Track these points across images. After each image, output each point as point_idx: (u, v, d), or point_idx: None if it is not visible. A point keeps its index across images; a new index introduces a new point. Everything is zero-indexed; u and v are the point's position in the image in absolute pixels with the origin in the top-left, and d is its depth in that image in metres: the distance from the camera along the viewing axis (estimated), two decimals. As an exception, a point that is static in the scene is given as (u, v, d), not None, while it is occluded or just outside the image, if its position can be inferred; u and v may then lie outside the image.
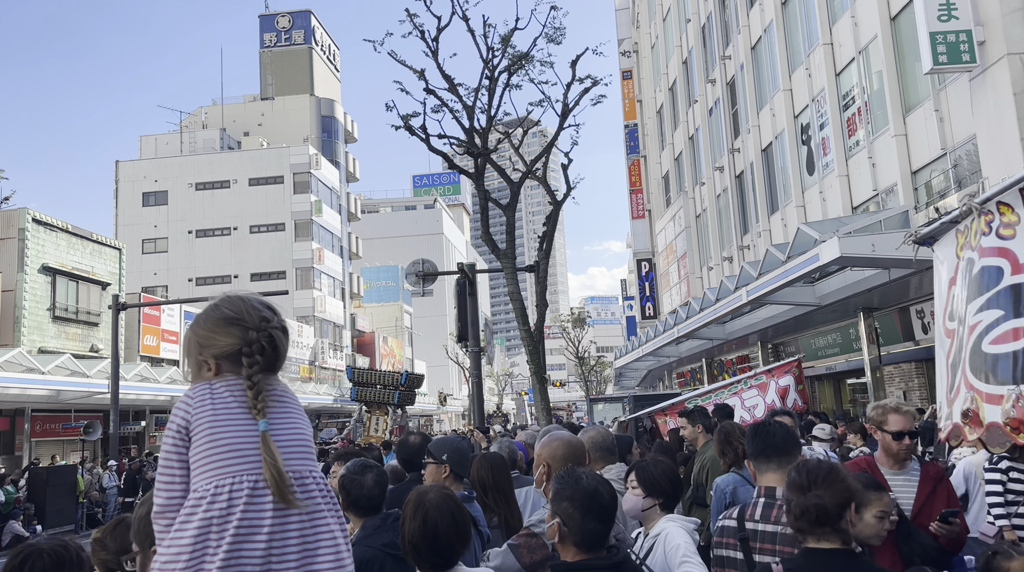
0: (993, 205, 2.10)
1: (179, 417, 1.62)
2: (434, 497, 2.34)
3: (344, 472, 3.12)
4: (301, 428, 1.68)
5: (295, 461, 1.61)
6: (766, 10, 21.70)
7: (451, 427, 58.71)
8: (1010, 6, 11.64)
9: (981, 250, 2.16)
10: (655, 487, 2.84)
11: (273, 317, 1.72)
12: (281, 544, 1.52)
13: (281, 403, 1.68)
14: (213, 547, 1.49)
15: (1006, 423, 1.98)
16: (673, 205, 32.12)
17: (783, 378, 8.48)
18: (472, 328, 13.29)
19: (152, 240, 46.72)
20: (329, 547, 1.59)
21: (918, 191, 14.98)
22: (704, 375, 26.96)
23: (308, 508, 1.58)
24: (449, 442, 3.56)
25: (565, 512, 2.22)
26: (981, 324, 2.13)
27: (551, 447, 3.14)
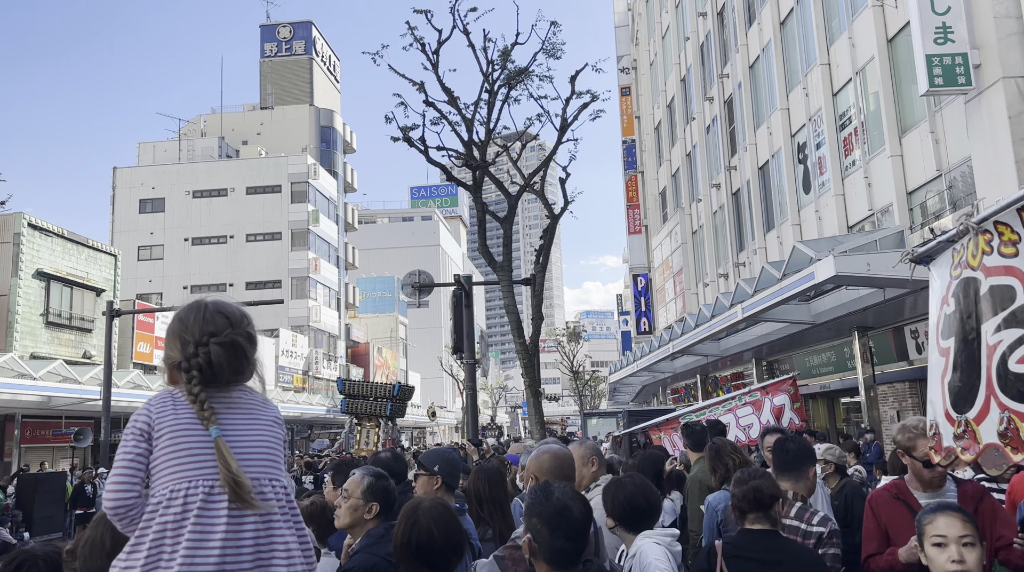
0: (991, 224, 2.11)
1: (141, 421, 1.65)
2: (427, 506, 2.33)
3: (377, 477, 3.06)
4: (263, 436, 1.69)
5: (253, 468, 1.63)
6: (764, 30, 21.87)
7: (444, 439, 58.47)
8: (1006, 30, 11.76)
9: (986, 269, 2.16)
10: (612, 509, 2.76)
11: (225, 329, 1.71)
12: (235, 549, 1.54)
13: (243, 412, 1.70)
14: (168, 552, 1.51)
15: None
16: (670, 221, 32.22)
17: (778, 397, 8.47)
18: (467, 340, 13.28)
19: (148, 247, 46.64)
20: (282, 554, 1.60)
21: (913, 211, 15.05)
22: (699, 391, 26.96)
23: (264, 514, 1.60)
24: (441, 453, 3.55)
25: (535, 528, 2.17)
26: (1003, 344, 2.12)
27: (540, 460, 3.12)
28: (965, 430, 2.29)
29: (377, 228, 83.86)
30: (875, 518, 2.91)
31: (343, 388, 15.05)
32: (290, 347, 41.60)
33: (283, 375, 40.22)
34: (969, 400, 2.27)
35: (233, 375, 1.72)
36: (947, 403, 2.39)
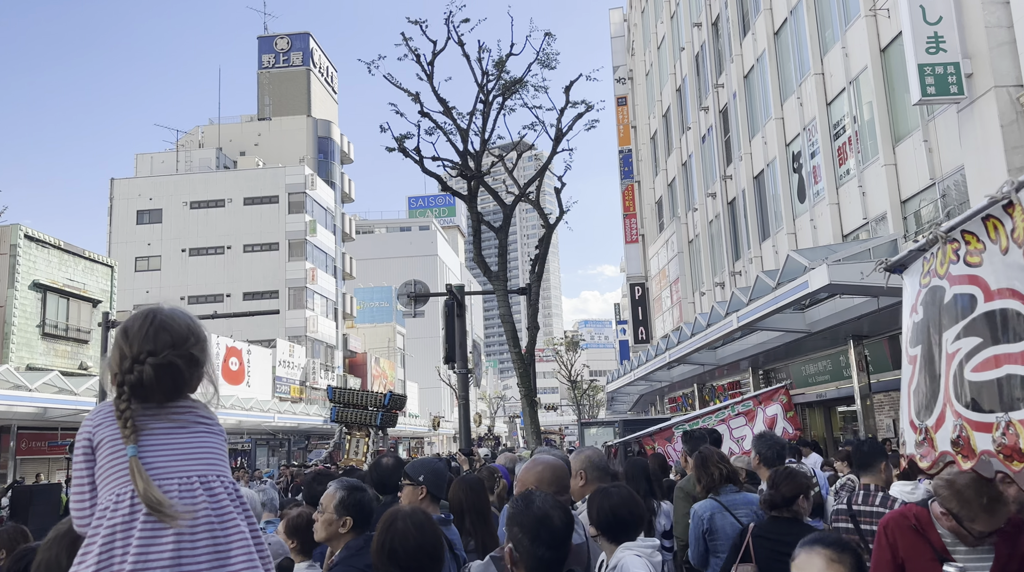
0: (958, 233, 2.12)
1: (84, 435, 1.67)
2: (406, 512, 2.32)
3: (351, 489, 3.08)
4: (204, 439, 1.71)
5: (199, 466, 1.65)
6: (759, 40, 21.98)
7: (443, 449, 58.32)
8: (997, 40, 11.83)
9: (951, 278, 2.17)
10: (596, 518, 2.73)
11: (164, 350, 1.70)
12: (191, 545, 1.55)
13: (179, 421, 1.70)
14: (120, 552, 1.52)
15: (998, 451, 1.97)
16: (666, 230, 32.27)
17: (771, 407, 8.47)
18: (459, 350, 13.27)
19: (145, 258, 46.64)
20: (241, 548, 1.61)
21: (907, 220, 15.09)
22: (696, 400, 26.92)
23: (217, 508, 1.62)
24: (426, 463, 3.54)
25: (515, 537, 2.15)
26: (961, 352, 2.12)
27: (535, 471, 3.12)
28: (925, 438, 2.30)
29: (375, 238, 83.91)
30: (891, 549, 2.56)
31: (333, 396, 14.91)
32: (287, 357, 41.53)
33: (280, 385, 40.14)
34: (930, 408, 2.28)
35: (166, 396, 1.71)
36: (911, 411, 2.40)
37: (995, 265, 2.01)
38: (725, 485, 4.04)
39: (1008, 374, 1.95)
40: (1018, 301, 1.93)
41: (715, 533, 3.87)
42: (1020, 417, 1.90)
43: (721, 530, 3.88)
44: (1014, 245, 1.91)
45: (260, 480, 17.46)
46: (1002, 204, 1.92)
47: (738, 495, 4.04)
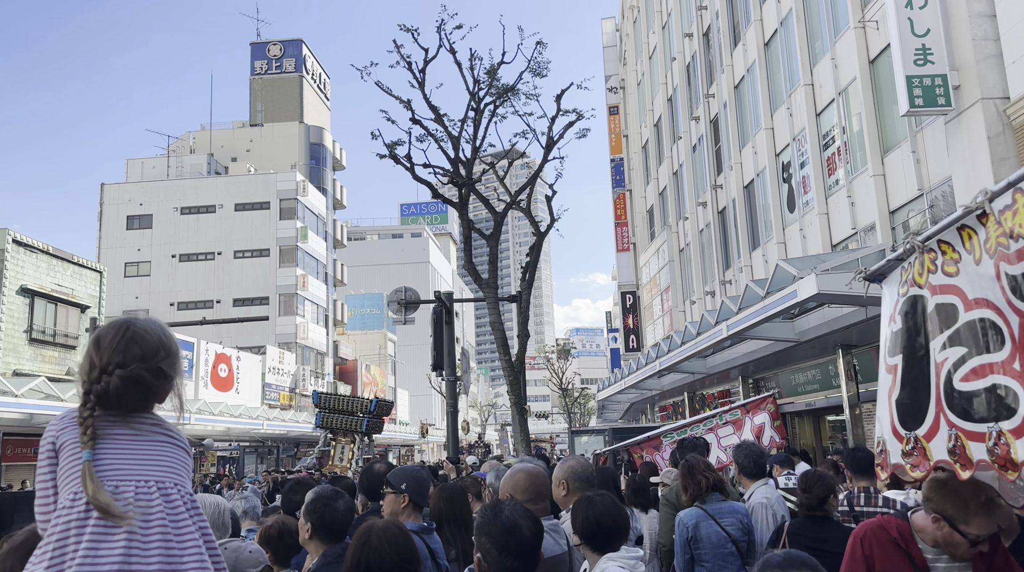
0: (935, 243, 2.13)
1: (48, 439, 1.71)
2: (381, 527, 2.30)
3: (315, 496, 3.10)
4: (164, 449, 1.73)
5: (156, 472, 1.67)
6: (749, 51, 22.12)
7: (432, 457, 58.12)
8: (984, 52, 11.94)
9: (932, 287, 2.18)
10: (580, 527, 2.70)
11: (133, 363, 1.71)
12: (143, 546, 1.57)
13: (141, 430, 1.73)
14: (72, 551, 1.54)
15: (993, 461, 1.96)
16: (657, 239, 32.36)
17: (758, 416, 8.50)
18: (448, 357, 13.24)
19: (135, 263, 46.41)
20: (194, 555, 1.63)
21: (895, 230, 15.18)
22: (686, 409, 26.93)
23: (172, 513, 1.64)
24: (408, 471, 3.53)
25: (484, 547, 2.12)
26: (948, 361, 2.12)
27: (514, 479, 3.11)
28: (915, 447, 2.28)
29: (366, 245, 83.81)
30: (865, 562, 2.44)
31: (318, 401, 14.82)
32: (277, 364, 41.36)
33: (270, 392, 39.95)
34: (919, 417, 2.26)
35: (131, 407, 1.73)
36: (895, 420, 2.38)
37: (970, 275, 2.02)
38: (711, 494, 4.03)
39: (993, 384, 1.96)
40: (992, 311, 1.94)
41: (700, 542, 3.85)
42: (1009, 427, 1.90)
43: (706, 539, 3.86)
44: (986, 255, 1.93)
45: (242, 488, 17.35)
46: (976, 214, 1.93)
47: (724, 504, 4.03)
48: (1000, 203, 1.84)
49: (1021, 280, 1.81)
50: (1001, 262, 1.88)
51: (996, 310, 1.92)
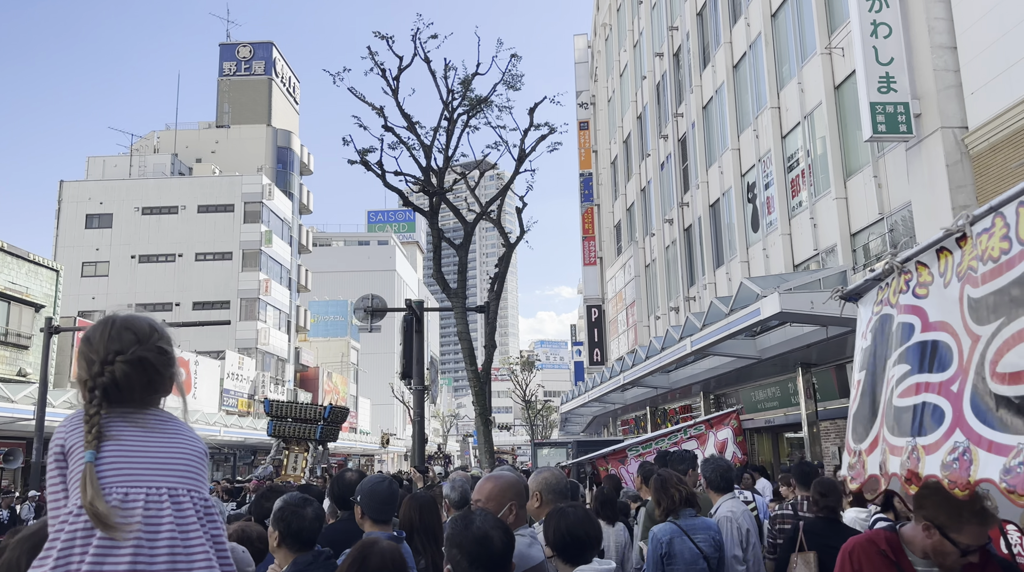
0: (912, 264, 2.21)
1: (57, 442, 1.65)
2: (383, 548, 2.25)
3: (283, 503, 3.07)
4: (181, 449, 1.68)
5: (170, 478, 1.62)
6: (718, 72, 22.53)
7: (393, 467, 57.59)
8: (944, 82, 12.34)
9: (899, 307, 2.25)
10: (553, 539, 2.68)
11: (131, 346, 1.69)
12: (149, 559, 1.52)
13: (154, 428, 1.69)
14: (77, 561, 1.50)
15: (902, 474, 2.02)
16: (624, 254, 32.65)
17: (721, 431, 8.59)
18: (416, 366, 13.18)
19: (93, 263, 45.35)
20: (203, 565, 1.58)
21: (856, 253, 15.54)
22: (648, 423, 27.13)
23: (181, 525, 1.59)
24: (366, 482, 3.51)
25: (454, 559, 2.08)
26: (893, 378, 2.19)
27: (486, 488, 3.10)
28: (858, 460, 2.36)
29: (332, 251, 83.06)
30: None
31: (270, 409, 14.53)
32: (236, 370, 40.67)
33: (228, 398, 39.25)
34: (867, 431, 2.35)
35: (145, 392, 1.69)
36: (849, 433, 2.46)
37: (937, 298, 2.10)
38: (684, 508, 4.04)
39: (924, 401, 2.03)
40: (948, 334, 2.02)
41: (673, 557, 3.84)
42: (924, 443, 1.98)
43: (680, 555, 3.84)
44: (955, 278, 2.00)
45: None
46: (955, 237, 2.01)
47: (697, 520, 4.02)
48: (980, 227, 1.91)
49: (982, 303, 1.87)
50: (966, 286, 1.95)
51: (952, 333, 2.00)
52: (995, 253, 1.84)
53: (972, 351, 1.90)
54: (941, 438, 1.93)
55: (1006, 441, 1.70)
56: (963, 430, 1.85)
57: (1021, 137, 10.86)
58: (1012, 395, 1.72)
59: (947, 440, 1.90)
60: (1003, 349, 1.77)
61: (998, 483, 1.69)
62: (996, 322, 1.82)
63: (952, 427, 1.90)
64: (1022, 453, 1.64)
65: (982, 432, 1.79)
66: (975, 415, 1.83)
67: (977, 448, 1.79)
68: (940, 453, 1.91)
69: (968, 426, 1.84)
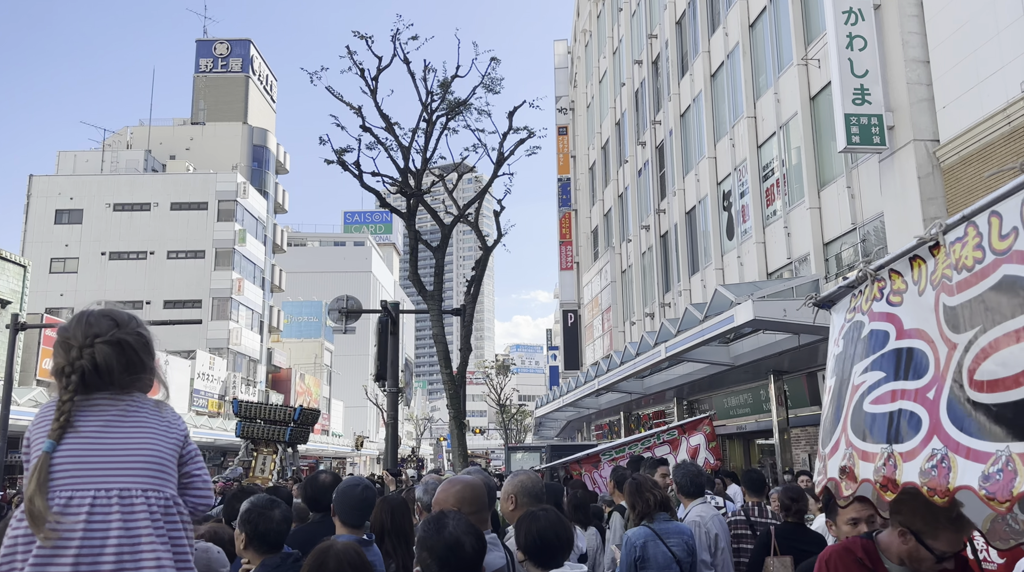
0: (886, 272, 2.22)
1: (27, 436, 1.63)
2: (339, 550, 2.24)
3: (250, 505, 3.04)
4: (147, 444, 1.63)
5: (124, 479, 1.57)
6: (696, 81, 22.72)
7: (365, 471, 57.20)
8: (917, 96, 12.55)
9: (871, 314, 2.27)
10: (524, 542, 2.67)
11: (110, 330, 1.66)
12: (91, 567, 1.47)
13: (124, 421, 1.63)
14: (19, 566, 1.45)
15: (876, 480, 2.03)
16: (600, 259, 32.77)
17: (694, 437, 8.64)
18: (391, 368, 13.09)
19: (62, 259, 44.56)
20: (151, 568, 1.53)
21: (829, 262, 15.74)
22: (621, 428, 27.23)
23: (130, 526, 1.53)
24: (342, 485, 3.48)
25: (424, 562, 2.07)
26: (864, 384, 2.20)
27: (452, 490, 3.08)
28: (823, 465, 2.39)
29: (307, 251, 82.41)
30: None
31: (239, 409, 14.35)
32: (207, 370, 40.16)
33: (198, 399, 38.74)
34: (830, 436, 2.38)
35: (125, 375, 1.65)
36: (820, 439, 2.49)
37: (911, 305, 2.12)
38: (659, 513, 4.05)
39: (900, 409, 2.04)
40: (923, 341, 2.03)
41: (647, 561, 3.85)
42: (901, 450, 1.99)
43: (653, 559, 3.85)
44: (930, 286, 2.02)
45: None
46: (929, 245, 2.02)
47: (670, 524, 4.04)
48: (952, 236, 1.93)
49: (958, 312, 1.89)
50: (942, 294, 1.96)
51: (928, 341, 2.01)
52: (969, 262, 1.85)
53: (949, 359, 1.91)
54: (919, 445, 1.94)
55: (984, 448, 1.71)
56: (940, 437, 1.86)
57: (991, 151, 11.07)
58: (990, 402, 1.73)
59: (925, 447, 1.91)
60: (980, 357, 1.78)
61: (977, 490, 1.70)
62: (972, 330, 1.83)
63: (930, 434, 1.91)
64: (1001, 460, 1.64)
65: (960, 439, 1.80)
66: (952, 422, 1.84)
67: (955, 455, 1.79)
68: (918, 460, 1.92)
69: (946, 433, 1.85)
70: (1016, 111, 10.58)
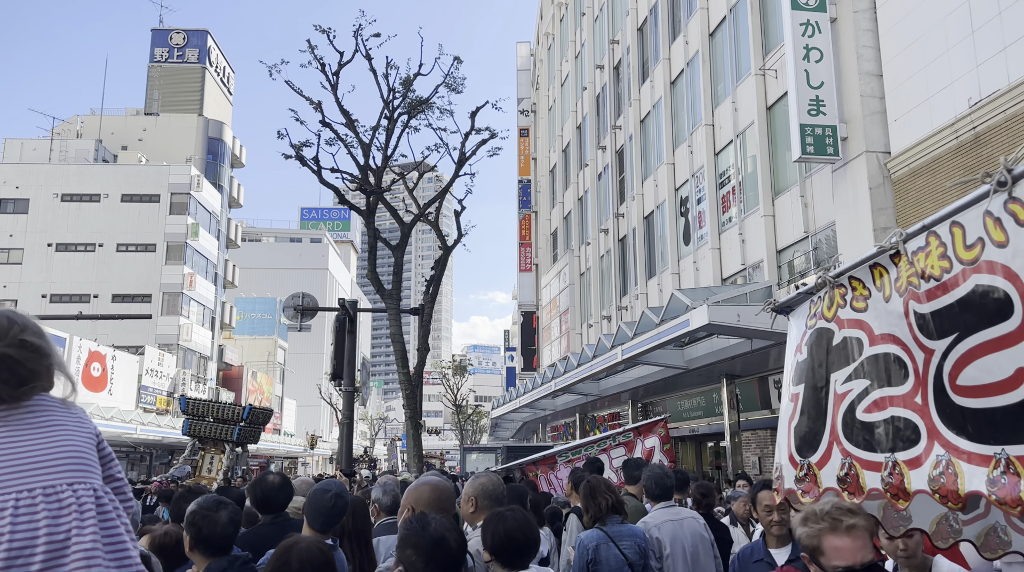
0: (846, 279, 2.26)
1: None
2: (302, 548, 2.20)
3: (195, 507, 2.95)
4: (65, 441, 1.56)
5: (48, 475, 1.50)
6: (656, 87, 22.98)
7: (317, 470, 56.46)
8: (870, 108, 12.88)
9: (840, 321, 2.29)
10: (491, 543, 2.67)
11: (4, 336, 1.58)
12: (22, 563, 1.41)
13: (36, 421, 1.57)
14: None
15: (886, 490, 2.03)
16: (559, 261, 32.92)
17: (649, 439, 8.72)
18: (348, 367, 12.94)
19: (5, 250, 43.07)
20: (80, 561, 1.46)
21: (781, 269, 16.05)
22: (577, 430, 27.39)
23: (58, 519, 1.47)
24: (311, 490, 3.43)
25: (408, 560, 2.10)
26: (852, 393, 2.21)
27: (418, 491, 3.06)
28: (807, 473, 2.37)
29: (262, 247, 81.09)
30: None
31: (186, 407, 14.08)
32: (155, 366, 39.22)
33: (146, 395, 37.80)
34: (813, 445, 2.36)
35: (11, 388, 1.56)
36: (792, 447, 2.47)
37: (878, 311, 2.13)
38: (611, 516, 4.07)
39: (892, 416, 2.05)
40: (898, 346, 2.05)
41: (600, 564, 3.88)
42: (904, 458, 1.98)
43: (605, 561, 3.88)
44: (896, 294, 2.04)
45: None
46: (889, 254, 2.05)
47: (623, 526, 4.06)
48: (913, 245, 1.96)
49: (929, 319, 1.91)
50: (911, 301, 1.98)
51: (902, 346, 2.03)
52: (936, 271, 1.87)
53: (927, 364, 1.92)
54: (922, 453, 1.93)
55: (982, 451, 1.72)
56: (940, 443, 1.87)
57: (939, 164, 11.42)
58: (978, 407, 1.74)
59: (929, 454, 1.90)
60: (961, 363, 1.80)
61: (987, 495, 1.69)
62: (949, 338, 1.84)
63: (930, 441, 1.91)
64: (1002, 463, 1.66)
65: (958, 444, 1.80)
66: (947, 427, 1.85)
67: (958, 460, 1.80)
68: (925, 467, 1.91)
69: (944, 438, 1.86)
70: (963, 126, 10.93)
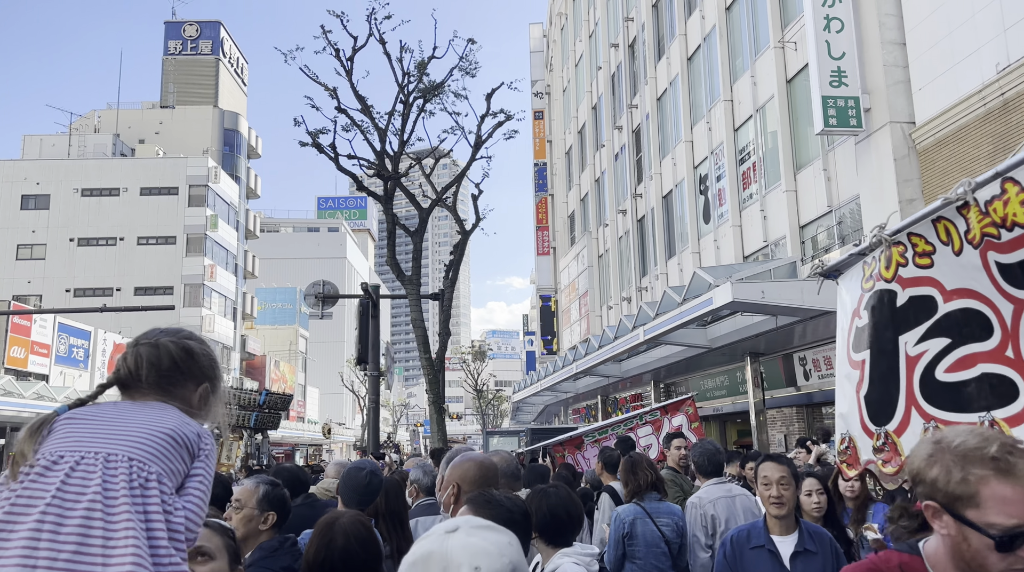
0: (904, 236, 2.16)
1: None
2: (345, 523, 2.18)
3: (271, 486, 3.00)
4: (145, 424, 1.61)
5: (112, 445, 1.54)
6: (672, 64, 22.70)
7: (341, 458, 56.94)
8: (894, 78, 12.63)
9: (902, 281, 2.18)
10: (535, 519, 2.65)
11: (154, 336, 1.76)
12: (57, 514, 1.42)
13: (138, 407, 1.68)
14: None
15: None
16: (577, 244, 32.78)
17: (676, 417, 8.67)
18: (372, 351, 12.96)
19: (29, 246, 43.59)
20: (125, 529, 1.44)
21: (805, 244, 15.85)
22: (599, 412, 27.37)
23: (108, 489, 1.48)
24: (345, 469, 3.45)
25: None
26: (928, 353, 2.11)
27: (462, 468, 3.01)
28: (885, 442, 2.27)
29: (280, 237, 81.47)
30: None
31: None
32: (181, 357, 39.63)
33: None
34: (888, 412, 2.26)
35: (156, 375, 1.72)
36: (864, 416, 2.37)
37: (949, 265, 2.03)
38: (650, 492, 4.04)
39: (983, 373, 1.96)
40: (977, 300, 1.96)
41: (635, 539, 3.87)
42: (1003, 415, 1.89)
43: (641, 536, 3.87)
44: (968, 246, 1.95)
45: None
46: (956, 206, 1.96)
47: (661, 504, 4.05)
48: (987, 193, 1.87)
49: (1019, 268, 1.82)
50: (990, 251, 1.89)
51: (983, 300, 1.94)
52: (1021, 218, 1.78)
53: (1017, 316, 1.84)
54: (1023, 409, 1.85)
55: None
56: None
57: (966, 133, 11.18)
58: None
59: None
60: None
61: None
62: None
63: None
64: None
65: None
66: None
67: None
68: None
69: None
70: (991, 93, 10.67)
